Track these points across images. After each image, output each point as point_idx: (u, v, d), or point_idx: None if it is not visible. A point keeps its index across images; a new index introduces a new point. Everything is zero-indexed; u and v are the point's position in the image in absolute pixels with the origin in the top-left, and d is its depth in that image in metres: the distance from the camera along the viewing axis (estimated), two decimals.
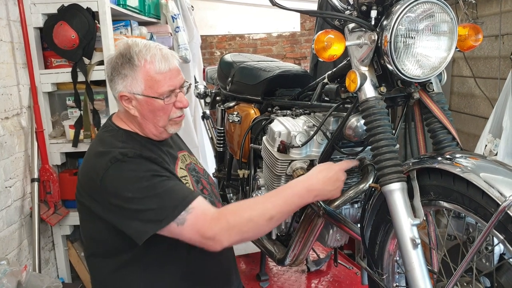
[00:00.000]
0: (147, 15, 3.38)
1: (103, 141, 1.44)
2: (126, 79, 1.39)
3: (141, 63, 1.38)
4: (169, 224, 1.28)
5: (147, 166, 1.34)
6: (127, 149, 1.36)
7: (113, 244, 1.41)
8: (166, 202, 1.30)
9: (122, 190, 1.31)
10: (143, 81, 1.39)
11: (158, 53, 1.40)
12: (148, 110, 1.42)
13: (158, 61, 1.39)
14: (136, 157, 1.34)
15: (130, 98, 1.42)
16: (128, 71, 1.39)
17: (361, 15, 1.30)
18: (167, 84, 1.40)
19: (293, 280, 2.54)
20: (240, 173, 2.20)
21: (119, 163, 1.32)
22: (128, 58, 1.39)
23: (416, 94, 1.35)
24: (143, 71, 1.38)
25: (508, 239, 1.02)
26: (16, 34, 2.40)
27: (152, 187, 1.31)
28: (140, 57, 1.38)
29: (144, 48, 1.40)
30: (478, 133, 2.62)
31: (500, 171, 1.09)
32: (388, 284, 1.46)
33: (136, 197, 1.30)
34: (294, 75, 2.21)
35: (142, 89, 1.39)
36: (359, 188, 1.66)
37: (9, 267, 1.99)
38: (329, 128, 1.68)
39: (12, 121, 2.35)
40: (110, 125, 1.50)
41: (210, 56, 6.22)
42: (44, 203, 2.52)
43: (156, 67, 1.39)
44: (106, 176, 1.32)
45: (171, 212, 1.28)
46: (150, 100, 1.40)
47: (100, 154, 1.37)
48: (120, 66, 1.40)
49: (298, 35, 6.30)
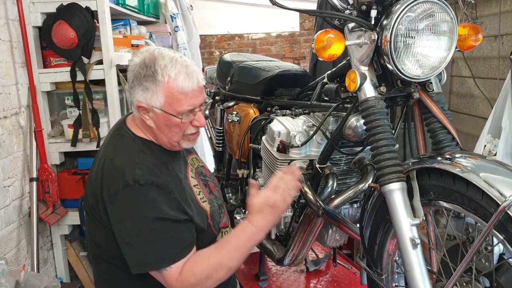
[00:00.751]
0: (146, 15, 3.37)
1: (120, 148, 1.42)
2: (147, 92, 1.36)
3: (165, 79, 1.34)
4: (150, 270, 1.35)
5: (155, 202, 1.33)
6: (142, 169, 1.34)
7: (114, 251, 1.41)
8: (156, 252, 1.33)
9: (124, 219, 1.33)
10: (164, 97, 1.35)
11: (184, 70, 1.36)
12: (164, 125, 1.39)
13: (182, 79, 1.35)
14: (148, 186, 1.33)
15: (147, 109, 1.39)
16: (150, 85, 1.35)
17: (361, 15, 1.30)
18: (187, 104, 1.37)
19: (292, 280, 2.53)
20: (240, 173, 2.20)
21: (129, 189, 1.32)
22: (152, 71, 1.34)
23: (416, 94, 1.35)
24: (165, 88, 1.34)
25: (508, 239, 1.02)
26: (15, 33, 2.39)
27: (149, 232, 1.32)
28: (164, 72, 1.34)
29: (170, 64, 1.35)
30: (477, 133, 2.62)
31: (500, 171, 1.09)
32: (387, 284, 1.46)
33: (132, 232, 1.33)
34: (293, 75, 2.21)
35: (162, 104, 1.36)
36: (358, 188, 1.66)
37: (8, 267, 1.98)
38: (329, 128, 1.67)
39: (11, 120, 2.34)
40: (126, 131, 1.46)
41: (209, 56, 6.21)
42: (42, 203, 2.51)
43: (180, 86, 1.35)
44: (115, 197, 1.33)
45: (155, 263, 1.34)
46: (167, 116, 1.37)
47: (115, 166, 1.36)
48: (143, 78, 1.35)
49: (297, 35, 6.30)
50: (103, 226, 1.41)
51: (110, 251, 1.44)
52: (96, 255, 1.52)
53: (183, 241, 1.37)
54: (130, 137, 1.45)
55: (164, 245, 1.33)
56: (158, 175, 1.36)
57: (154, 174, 1.35)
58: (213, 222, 1.52)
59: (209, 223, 1.50)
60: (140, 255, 1.33)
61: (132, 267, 1.36)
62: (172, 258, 1.34)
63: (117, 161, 1.37)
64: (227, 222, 1.64)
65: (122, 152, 1.40)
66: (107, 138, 1.55)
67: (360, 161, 1.71)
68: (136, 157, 1.38)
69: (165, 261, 1.33)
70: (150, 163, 1.38)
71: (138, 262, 1.34)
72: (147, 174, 1.34)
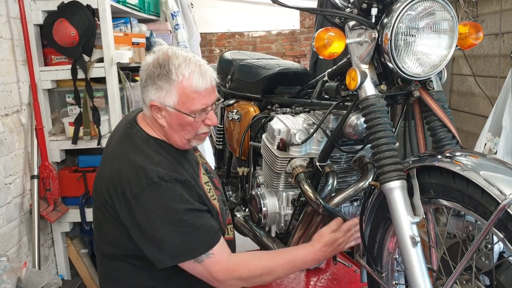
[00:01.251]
0: (146, 13, 3.37)
1: (136, 148, 1.43)
2: (161, 91, 1.37)
3: (179, 78, 1.36)
4: (186, 261, 1.36)
5: (182, 195, 1.36)
6: (164, 167, 1.37)
7: (130, 249, 1.42)
8: (190, 242, 1.35)
9: (153, 215, 1.33)
10: (177, 96, 1.37)
11: (197, 69, 1.38)
12: (177, 123, 1.41)
13: (196, 78, 1.37)
14: (172, 182, 1.35)
15: (160, 108, 1.40)
16: (164, 84, 1.37)
17: (362, 13, 1.30)
18: (200, 103, 1.39)
19: (292, 278, 2.53)
20: (240, 171, 2.20)
21: (155, 186, 1.33)
22: (166, 70, 1.36)
23: (416, 92, 1.35)
24: (179, 87, 1.36)
25: (508, 237, 1.02)
26: (16, 31, 2.39)
27: (181, 223, 1.34)
28: (178, 72, 1.36)
29: (184, 63, 1.37)
30: (478, 132, 2.62)
31: (500, 169, 1.09)
32: (387, 282, 1.46)
33: (164, 227, 1.33)
34: (293, 73, 2.21)
35: (175, 103, 1.38)
36: (358, 186, 1.66)
37: (9, 264, 1.99)
38: (329, 126, 1.67)
39: (12, 118, 2.35)
40: (139, 131, 1.47)
41: (209, 54, 6.21)
42: (43, 200, 2.51)
43: (193, 85, 1.37)
44: (140, 196, 1.33)
45: (192, 252, 1.36)
46: (180, 115, 1.39)
47: (136, 166, 1.36)
48: (157, 77, 1.37)
49: (297, 33, 6.29)
50: (120, 225, 1.40)
51: (128, 250, 1.44)
52: (108, 253, 1.51)
53: (212, 228, 1.40)
54: (143, 137, 1.45)
55: (196, 234, 1.36)
56: (180, 172, 1.40)
57: (176, 171, 1.39)
58: (223, 220, 1.55)
59: (219, 221, 1.53)
60: (173, 249, 1.35)
61: (160, 262, 1.36)
62: (205, 245, 1.36)
63: (137, 161, 1.38)
64: (231, 219, 1.66)
65: (138, 152, 1.41)
66: (117, 135, 1.53)
67: (360, 159, 1.72)
68: (155, 157, 1.40)
69: (200, 250, 1.35)
70: (169, 162, 1.41)
71: (171, 255, 1.35)
72: (170, 171, 1.37)
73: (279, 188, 1.86)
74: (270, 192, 1.91)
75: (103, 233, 1.50)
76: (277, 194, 1.89)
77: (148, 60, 1.42)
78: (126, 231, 1.40)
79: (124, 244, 1.44)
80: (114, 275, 1.52)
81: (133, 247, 1.40)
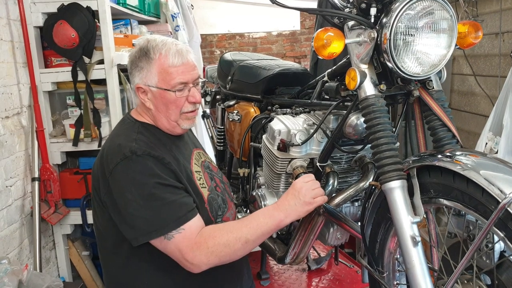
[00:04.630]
0: (147, 14, 3.38)
1: (120, 131, 1.50)
2: (142, 71, 1.46)
3: (156, 56, 1.45)
4: (157, 237, 1.35)
5: (153, 169, 1.36)
6: (139, 144, 1.39)
7: (117, 237, 1.43)
8: (161, 216, 1.34)
9: (125, 190, 1.35)
10: (157, 73, 1.45)
11: (173, 48, 1.46)
12: (161, 103, 1.47)
13: (172, 55, 1.45)
14: (145, 156, 1.37)
15: (145, 91, 1.48)
16: (144, 64, 1.46)
17: (361, 13, 1.30)
18: (178, 77, 1.45)
19: (293, 279, 2.53)
20: (240, 172, 2.20)
21: (127, 161, 1.36)
22: (145, 51, 1.46)
23: (416, 91, 1.35)
24: (157, 64, 1.45)
25: (508, 237, 1.02)
26: (16, 33, 2.40)
27: (152, 196, 1.34)
28: (156, 50, 1.45)
29: (161, 43, 1.47)
30: (479, 131, 2.62)
31: (500, 168, 1.08)
32: (388, 282, 1.46)
33: (135, 201, 1.34)
34: (294, 74, 2.21)
35: (156, 81, 1.45)
36: (359, 186, 1.66)
37: (10, 266, 1.99)
38: (329, 126, 1.67)
39: (13, 120, 2.35)
40: (128, 118, 1.56)
41: (210, 55, 6.21)
42: (44, 202, 2.52)
43: (170, 61, 1.45)
44: (115, 172, 1.37)
45: (162, 227, 1.34)
46: (163, 93, 1.46)
47: (114, 146, 1.41)
48: (138, 59, 1.47)
49: (298, 34, 6.29)
50: (104, 208, 1.43)
51: (111, 238, 1.46)
52: (101, 247, 1.54)
53: (185, 205, 1.39)
54: (131, 122, 1.53)
55: (167, 209, 1.35)
56: (155, 148, 1.41)
57: (150, 148, 1.40)
58: (211, 209, 1.53)
59: (205, 208, 1.51)
60: (145, 224, 1.34)
61: (135, 239, 1.36)
62: (177, 221, 1.35)
63: (117, 141, 1.43)
64: (230, 218, 1.64)
65: (121, 134, 1.47)
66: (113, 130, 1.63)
67: (361, 159, 1.71)
68: (134, 135, 1.44)
69: (171, 225, 1.34)
70: (148, 140, 1.44)
71: (143, 231, 1.35)
72: (144, 147, 1.39)
73: (279, 188, 1.85)
74: (271, 192, 1.91)
75: (96, 226, 1.53)
76: (277, 195, 1.88)
77: (133, 50, 1.52)
78: (109, 217, 1.42)
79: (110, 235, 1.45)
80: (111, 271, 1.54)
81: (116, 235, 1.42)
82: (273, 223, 1.42)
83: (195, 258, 1.34)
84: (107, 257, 1.54)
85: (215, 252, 1.35)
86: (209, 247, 1.34)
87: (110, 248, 1.50)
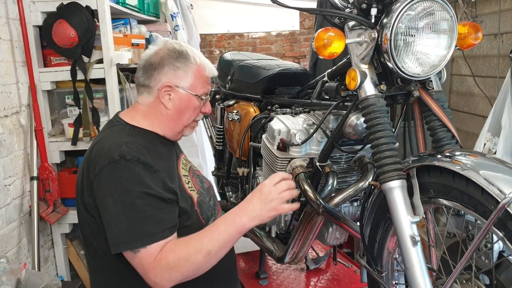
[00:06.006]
0: (146, 14, 3.37)
1: (109, 134, 1.45)
2: (178, 71, 1.47)
3: (196, 61, 1.49)
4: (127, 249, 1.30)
5: (140, 177, 1.31)
6: (130, 147, 1.35)
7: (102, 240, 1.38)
8: (136, 230, 1.29)
9: (107, 194, 1.31)
10: (192, 77, 1.48)
11: (206, 59, 1.54)
12: (184, 106, 1.49)
13: (207, 64, 1.53)
14: (134, 162, 1.32)
15: (172, 91, 1.47)
16: (182, 65, 1.47)
17: (361, 13, 1.30)
18: (206, 88, 1.52)
19: (292, 278, 2.54)
20: (240, 171, 2.20)
21: (114, 164, 1.31)
22: (185, 53, 1.48)
23: (416, 92, 1.35)
24: (195, 69, 1.49)
25: (508, 237, 1.02)
26: (15, 32, 2.40)
27: (133, 206, 1.29)
28: (196, 57, 1.50)
29: (197, 52, 1.53)
30: (477, 132, 2.62)
31: (499, 168, 1.09)
32: (387, 281, 1.46)
33: (114, 207, 1.30)
34: (293, 73, 2.21)
35: (189, 84, 1.48)
36: (358, 186, 1.66)
37: (9, 265, 1.99)
38: (329, 126, 1.68)
39: (12, 119, 2.35)
40: (118, 120, 1.50)
41: (209, 55, 6.21)
42: (43, 201, 2.51)
43: (206, 69, 1.52)
44: (100, 174, 1.33)
45: (135, 241, 1.29)
46: (191, 97, 1.49)
47: (103, 148, 1.37)
48: (175, 59, 1.47)
49: (297, 34, 6.29)
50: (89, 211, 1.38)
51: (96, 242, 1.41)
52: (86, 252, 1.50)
53: (165, 222, 1.33)
54: (121, 125, 1.48)
55: (145, 223, 1.29)
56: (145, 154, 1.36)
57: (140, 153, 1.35)
58: (201, 211, 1.50)
59: (195, 210, 1.48)
60: (119, 233, 1.29)
61: (112, 247, 1.31)
62: (151, 237, 1.29)
63: (105, 143, 1.39)
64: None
65: (110, 136, 1.43)
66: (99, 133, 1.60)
67: (360, 159, 1.72)
68: (125, 138, 1.39)
69: (144, 240, 1.28)
70: (139, 144, 1.39)
71: (118, 240, 1.30)
72: (134, 151, 1.34)
73: None
74: None
75: (81, 231, 1.48)
76: None
77: (156, 47, 1.51)
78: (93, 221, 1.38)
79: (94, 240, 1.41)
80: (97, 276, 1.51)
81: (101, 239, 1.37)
82: (234, 230, 1.34)
83: (157, 276, 1.28)
84: (92, 262, 1.50)
85: (176, 268, 1.28)
86: (169, 262, 1.28)
87: (95, 252, 1.45)
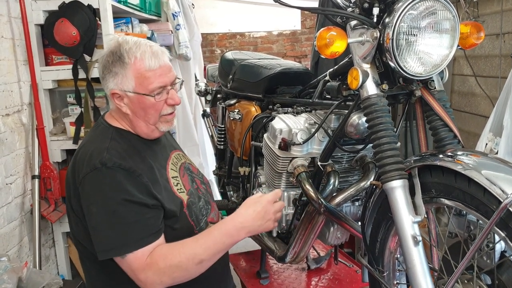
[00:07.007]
0: (148, 13, 3.37)
1: (93, 137, 1.45)
2: (117, 77, 1.39)
3: (131, 60, 1.37)
4: (115, 255, 1.31)
5: (122, 184, 1.31)
6: (111, 153, 1.34)
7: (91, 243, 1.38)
8: (120, 237, 1.30)
9: (91, 202, 1.32)
10: (133, 78, 1.38)
11: (148, 50, 1.40)
12: (139, 108, 1.41)
13: (148, 58, 1.38)
14: (115, 168, 1.32)
15: (121, 96, 1.41)
16: (119, 69, 1.38)
17: (363, 12, 1.30)
18: (157, 81, 1.40)
19: (293, 278, 2.53)
20: (241, 171, 2.20)
21: (96, 172, 1.32)
22: (119, 56, 1.38)
23: (418, 91, 1.35)
24: (133, 69, 1.38)
25: (510, 237, 1.02)
26: (17, 31, 2.40)
27: (115, 213, 1.30)
28: (130, 54, 1.38)
29: (134, 46, 1.39)
30: (479, 132, 2.62)
31: (502, 168, 1.09)
32: (388, 281, 1.46)
33: (98, 215, 1.31)
34: (295, 73, 2.21)
35: (133, 86, 1.39)
36: (360, 185, 1.66)
37: (10, 264, 1.99)
38: (331, 125, 1.67)
39: (13, 117, 2.35)
40: (102, 123, 1.50)
41: (210, 54, 6.21)
42: (44, 200, 2.52)
43: (146, 64, 1.38)
44: (83, 182, 1.33)
45: (120, 248, 1.30)
46: (141, 98, 1.40)
47: (85, 154, 1.37)
48: (111, 64, 1.39)
49: (298, 34, 6.29)
50: (76, 214, 1.39)
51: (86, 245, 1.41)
52: (80, 254, 1.50)
53: (149, 228, 1.33)
54: (104, 127, 1.47)
55: (129, 229, 1.30)
56: (127, 159, 1.36)
57: (122, 158, 1.35)
58: (190, 213, 1.48)
59: (184, 212, 1.47)
60: (105, 240, 1.31)
61: (98, 253, 1.32)
62: (137, 243, 1.30)
63: (88, 148, 1.38)
64: (215, 218, 1.63)
65: (94, 140, 1.42)
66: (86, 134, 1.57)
67: (362, 159, 1.72)
68: (107, 143, 1.39)
69: (130, 246, 1.30)
70: (120, 148, 1.38)
71: (104, 247, 1.31)
72: (115, 158, 1.34)
73: (280, 187, 1.85)
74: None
75: (72, 233, 1.49)
76: None
77: (102, 52, 1.44)
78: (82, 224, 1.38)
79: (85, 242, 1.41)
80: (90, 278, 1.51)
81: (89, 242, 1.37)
82: (231, 242, 1.36)
83: (147, 279, 1.30)
84: (85, 264, 1.50)
85: (167, 273, 1.30)
86: (160, 268, 1.30)
87: (87, 255, 1.45)
